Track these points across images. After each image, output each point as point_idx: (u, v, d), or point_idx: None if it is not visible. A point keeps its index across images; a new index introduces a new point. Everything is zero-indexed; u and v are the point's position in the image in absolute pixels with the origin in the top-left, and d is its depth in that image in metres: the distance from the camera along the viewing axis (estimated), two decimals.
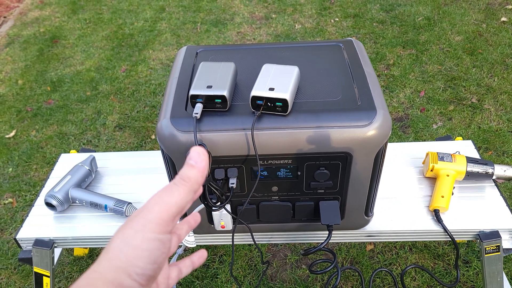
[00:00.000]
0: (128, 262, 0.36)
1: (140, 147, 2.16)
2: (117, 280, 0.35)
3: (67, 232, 1.10)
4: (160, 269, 0.39)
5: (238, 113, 0.83)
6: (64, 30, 3.25)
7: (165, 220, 0.38)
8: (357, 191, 0.91)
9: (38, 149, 2.19)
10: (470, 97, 2.27)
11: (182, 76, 0.93)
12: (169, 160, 0.86)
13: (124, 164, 1.28)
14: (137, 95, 2.51)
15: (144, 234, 0.37)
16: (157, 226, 0.38)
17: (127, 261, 0.36)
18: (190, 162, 0.41)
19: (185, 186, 0.40)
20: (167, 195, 0.39)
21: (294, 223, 1.00)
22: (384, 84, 2.42)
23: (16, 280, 1.60)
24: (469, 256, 1.55)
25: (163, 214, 0.38)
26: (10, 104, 2.54)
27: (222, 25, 3.12)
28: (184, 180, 0.40)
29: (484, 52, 2.58)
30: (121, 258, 0.36)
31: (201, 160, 0.41)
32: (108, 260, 0.36)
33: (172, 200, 0.39)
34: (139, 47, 2.96)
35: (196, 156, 0.41)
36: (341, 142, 0.81)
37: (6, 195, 1.95)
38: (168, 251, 0.40)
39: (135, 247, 0.37)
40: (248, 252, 1.62)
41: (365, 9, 3.15)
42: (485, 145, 1.98)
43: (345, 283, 1.50)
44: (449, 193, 1.07)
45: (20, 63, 2.92)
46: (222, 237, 1.07)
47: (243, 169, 0.87)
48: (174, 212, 0.39)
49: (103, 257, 0.37)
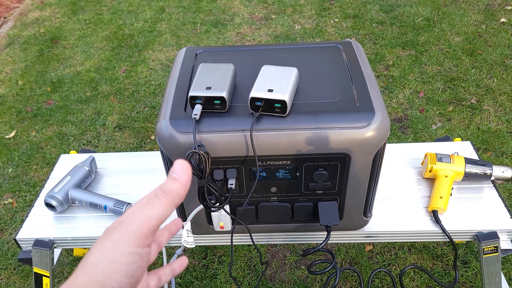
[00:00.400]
0: (105, 276, 0.36)
1: (140, 148, 2.16)
2: None
3: (67, 232, 1.10)
4: (138, 282, 0.39)
5: (237, 114, 0.83)
6: (64, 30, 3.26)
7: (144, 233, 0.38)
8: (355, 192, 0.91)
9: (38, 150, 2.19)
10: (470, 98, 2.27)
11: (182, 77, 0.93)
12: (168, 161, 0.86)
13: (123, 165, 1.28)
14: (136, 96, 2.52)
15: (123, 248, 0.37)
16: (136, 240, 0.37)
17: (105, 275, 0.36)
18: (173, 175, 0.40)
19: (166, 199, 0.39)
20: (148, 208, 0.38)
21: (293, 224, 1.00)
22: (384, 84, 2.43)
23: (16, 280, 1.60)
24: (467, 257, 1.55)
25: (143, 228, 0.38)
26: (10, 104, 2.55)
27: (221, 26, 3.13)
28: (166, 193, 0.39)
29: (484, 53, 2.58)
30: (98, 272, 0.36)
31: (184, 174, 0.40)
32: (86, 273, 0.36)
33: (153, 214, 0.38)
34: (139, 48, 2.97)
35: (179, 170, 0.40)
36: (340, 143, 0.82)
37: (6, 196, 1.95)
38: (147, 264, 0.40)
39: (113, 261, 0.36)
40: (247, 253, 1.62)
41: (364, 9, 3.15)
42: (484, 146, 1.99)
43: (344, 283, 1.51)
44: (447, 194, 1.08)
45: (20, 63, 2.93)
46: (221, 238, 1.07)
47: (242, 170, 0.87)
48: (154, 225, 0.39)
49: (80, 271, 0.36)
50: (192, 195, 0.91)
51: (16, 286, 1.59)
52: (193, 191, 0.90)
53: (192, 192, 0.91)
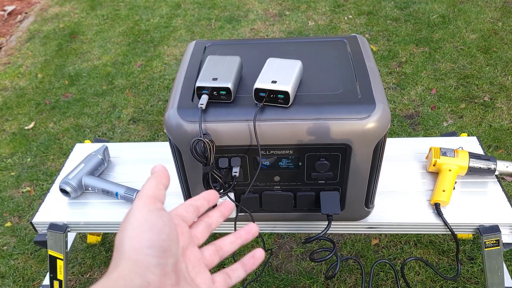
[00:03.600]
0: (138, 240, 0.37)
1: (153, 140, 2.21)
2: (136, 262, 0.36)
3: (80, 217, 1.15)
4: (172, 242, 0.39)
5: (242, 105, 0.86)
6: (83, 26, 3.33)
7: (150, 196, 0.41)
8: (357, 182, 0.93)
9: (55, 141, 2.27)
10: (483, 96, 2.26)
11: (190, 69, 0.96)
12: (176, 149, 0.90)
13: (135, 154, 1.33)
14: (151, 90, 2.57)
15: (140, 209, 0.39)
16: (146, 200, 0.41)
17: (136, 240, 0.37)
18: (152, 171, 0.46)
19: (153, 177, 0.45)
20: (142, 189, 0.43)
21: (295, 213, 1.03)
22: (396, 81, 2.43)
23: (32, 264, 1.67)
24: (474, 252, 1.55)
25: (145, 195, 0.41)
26: (29, 97, 2.63)
27: (236, 22, 3.16)
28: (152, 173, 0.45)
29: (499, 51, 2.55)
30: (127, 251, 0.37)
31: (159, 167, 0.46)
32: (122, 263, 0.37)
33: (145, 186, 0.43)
34: (155, 43, 3.02)
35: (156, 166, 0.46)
36: (341, 134, 0.84)
37: (24, 184, 2.03)
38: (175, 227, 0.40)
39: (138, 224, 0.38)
40: (254, 244, 1.66)
41: (379, 6, 3.14)
42: (496, 144, 1.97)
43: (349, 276, 1.53)
44: (450, 187, 1.09)
45: (40, 57, 3.01)
46: (226, 225, 1.11)
47: (246, 159, 0.90)
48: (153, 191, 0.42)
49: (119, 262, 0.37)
50: (198, 182, 0.95)
51: (33, 270, 1.65)
52: (199, 178, 0.93)
53: (198, 179, 0.94)
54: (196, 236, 0.45)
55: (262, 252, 0.46)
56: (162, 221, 0.39)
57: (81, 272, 1.63)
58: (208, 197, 0.48)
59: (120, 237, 0.38)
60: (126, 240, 0.37)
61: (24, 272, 1.65)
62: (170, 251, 0.38)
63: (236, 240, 0.47)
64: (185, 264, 0.41)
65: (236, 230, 0.50)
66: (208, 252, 0.45)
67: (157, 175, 0.44)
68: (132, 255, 0.36)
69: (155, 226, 0.38)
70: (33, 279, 1.62)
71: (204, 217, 0.47)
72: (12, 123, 2.44)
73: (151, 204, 0.40)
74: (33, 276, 1.63)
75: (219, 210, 0.49)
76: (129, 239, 0.37)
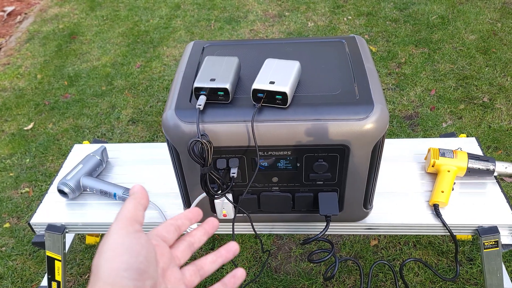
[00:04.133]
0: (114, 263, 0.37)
1: (152, 141, 2.21)
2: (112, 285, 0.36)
3: (78, 218, 1.15)
4: (150, 264, 0.39)
5: (240, 105, 0.86)
6: (82, 26, 3.33)
7: (128, 219, 0.41)
8: (355, 183, 0.93)
9: (54, 141, 2.26)
10: (482, 96, 2.26)
11: (188, 70, 0.96)
12: (174, 150, 0.90)
13: (133, 155, 1.33)
14: (150, 91, 2.57)
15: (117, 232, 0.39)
16: (124, 222, 0.40)
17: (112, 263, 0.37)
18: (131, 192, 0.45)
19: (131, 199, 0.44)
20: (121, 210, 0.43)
21: (294, 214, 1.03)
22: (395, 82, 2.42)
23: (30, 265, 1.67)
24: (473, 254, 1.55)
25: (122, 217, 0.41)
26: (29, 97, 2.63)
27: (235, 23, 3.16)
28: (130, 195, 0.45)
29: (498, 51, 2.55)
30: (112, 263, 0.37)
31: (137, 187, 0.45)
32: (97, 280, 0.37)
33: (123, 208, 0.42)
34: (154, 44, 3.02)
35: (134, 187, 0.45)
36: (339, 135, 0.84)
37: (23, 185, 2.03)
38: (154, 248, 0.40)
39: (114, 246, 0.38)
40: (253, 245, 1.65)
41: (378, 7, 3.14)
42: (495, 144, 1.97)
43: (348, 277, 1.53)
44: (449, 188, 1.09)
45: (39, 58, 3.01)
46: (225, 226, 1.10)
47: (244, 160, 0.90)
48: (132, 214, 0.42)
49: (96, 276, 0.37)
50: (196, 183, 0.95)
51: (31, 271, 1.65)
52: (197, 179, 0.93)
53: (196, 180, 0.94)
54: (177, 256, 0.45)
55: (243, 272, 0.46)
56: (140, 243, 0.39)
57: (80, 273, 1.63)
58: (190, 215, 0.48)
59: (97, 260, 0.38)
60: (103, 263, 0.37)
61: (23, 273, 1.65)
62: (148, 273, 0.38)
63: (217, 259, 0.47)
64: (164, 285, 0.41)
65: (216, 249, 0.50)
66: (188, 272, 0.45)
67: (136, 196, 0.44)
68: (108, 278, 0.36)
69: (132, 249, 0.38)
70: (32, 280, 1.62)
71: (186, 236, 0.47)
72: (11, 123, 2.44)
73: (128, 226, 0.40)
74: (32, 277, 1.63)
75: (203, 228, 0.49)
76: (106, 261, 0.37)
